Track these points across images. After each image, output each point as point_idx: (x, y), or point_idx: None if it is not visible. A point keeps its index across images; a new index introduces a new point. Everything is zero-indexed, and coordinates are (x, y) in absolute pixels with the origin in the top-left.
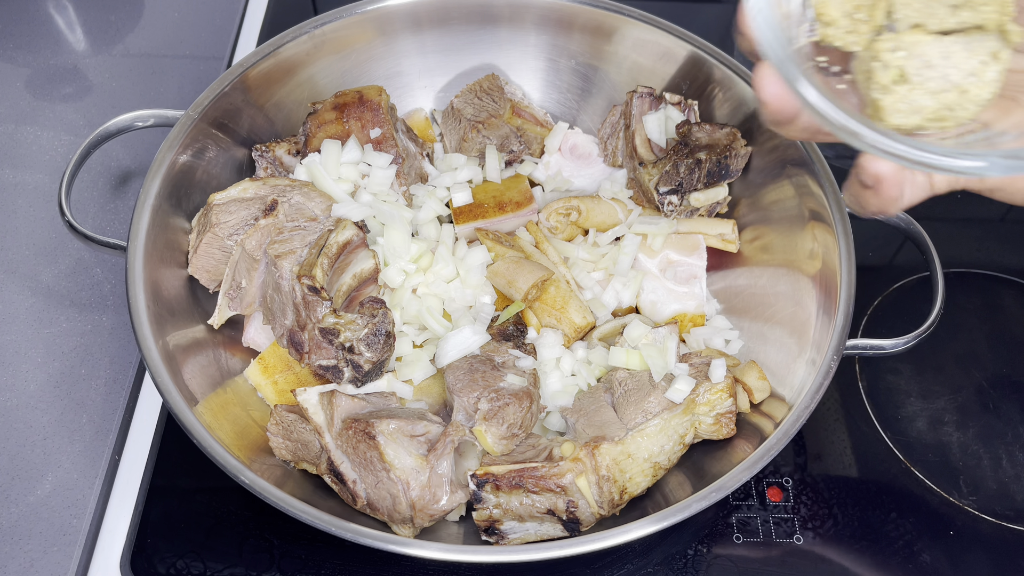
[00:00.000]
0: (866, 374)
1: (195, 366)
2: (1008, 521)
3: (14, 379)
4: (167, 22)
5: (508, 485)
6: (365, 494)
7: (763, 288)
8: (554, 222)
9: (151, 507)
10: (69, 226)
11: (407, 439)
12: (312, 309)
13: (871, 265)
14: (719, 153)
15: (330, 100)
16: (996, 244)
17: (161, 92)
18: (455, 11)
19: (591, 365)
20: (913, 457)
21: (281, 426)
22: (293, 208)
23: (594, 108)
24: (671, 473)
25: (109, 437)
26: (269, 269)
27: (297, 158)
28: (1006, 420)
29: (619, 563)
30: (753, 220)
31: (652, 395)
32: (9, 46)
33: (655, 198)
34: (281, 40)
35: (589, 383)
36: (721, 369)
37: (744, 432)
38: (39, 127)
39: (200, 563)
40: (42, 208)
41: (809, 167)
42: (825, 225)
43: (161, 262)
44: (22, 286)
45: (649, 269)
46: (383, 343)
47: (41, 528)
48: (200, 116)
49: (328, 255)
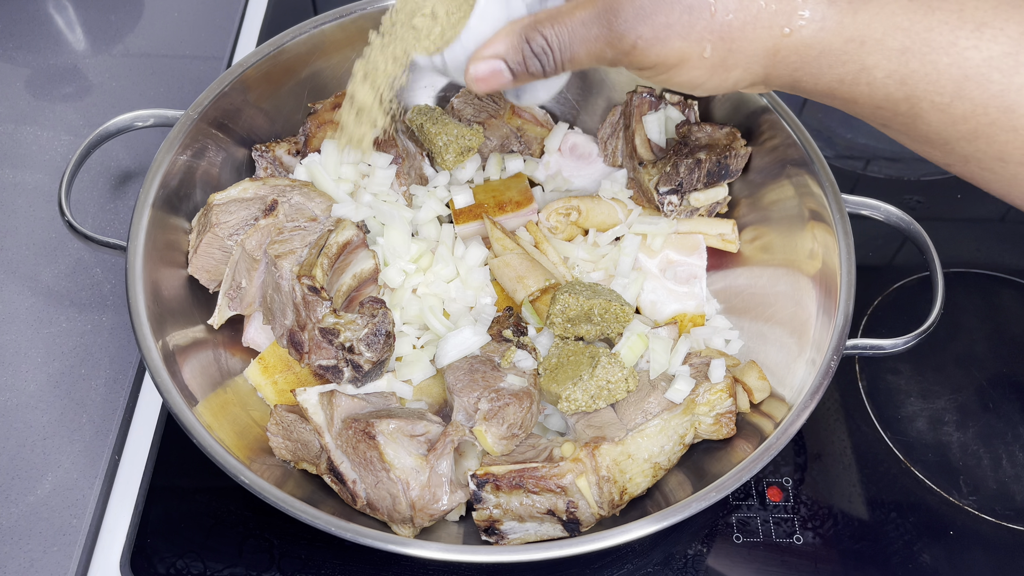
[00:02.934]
0: (866, 374)
1: (195, 366)
2: (1008, 521)
3: (14, 379)
4: (167, 22)
5: (508, 485)
6: (365, 494)
7: (763, 288)
8: (554, 222)
9: (151, 507)
10: (69, 226)
11: (407, 439)
12: (312, 309)
13: (871, 265)
14: (719, 153)
15: (330, 100)
16: (996, 244)
17: (161, 92)
18: None
19: None
20: (913, 457)
21: (281, 426)
22: (293, 208)
23: (594, 108)
24: (671, 473)
25: (109, 437)
26: (269, 269)
27: (297, 158)
28: (1006, 420)
29: (619, 563)
30: (753, 220)
31: (652, 395)
32: (9, 46)
33: (655, 198)
34: (281, 40)
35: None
36: (721, 369)
37: (744, 432)
38: (39, 127)
39: (200, 563)
40: (42, 208)
41: (809, 167)
42: (825, 225)
43: (161, 262)
44: (22, 286)
45: (649, 269)
46: (383, 343)
47: (41, 528)
48: (200, 116)
49: (328, 255)
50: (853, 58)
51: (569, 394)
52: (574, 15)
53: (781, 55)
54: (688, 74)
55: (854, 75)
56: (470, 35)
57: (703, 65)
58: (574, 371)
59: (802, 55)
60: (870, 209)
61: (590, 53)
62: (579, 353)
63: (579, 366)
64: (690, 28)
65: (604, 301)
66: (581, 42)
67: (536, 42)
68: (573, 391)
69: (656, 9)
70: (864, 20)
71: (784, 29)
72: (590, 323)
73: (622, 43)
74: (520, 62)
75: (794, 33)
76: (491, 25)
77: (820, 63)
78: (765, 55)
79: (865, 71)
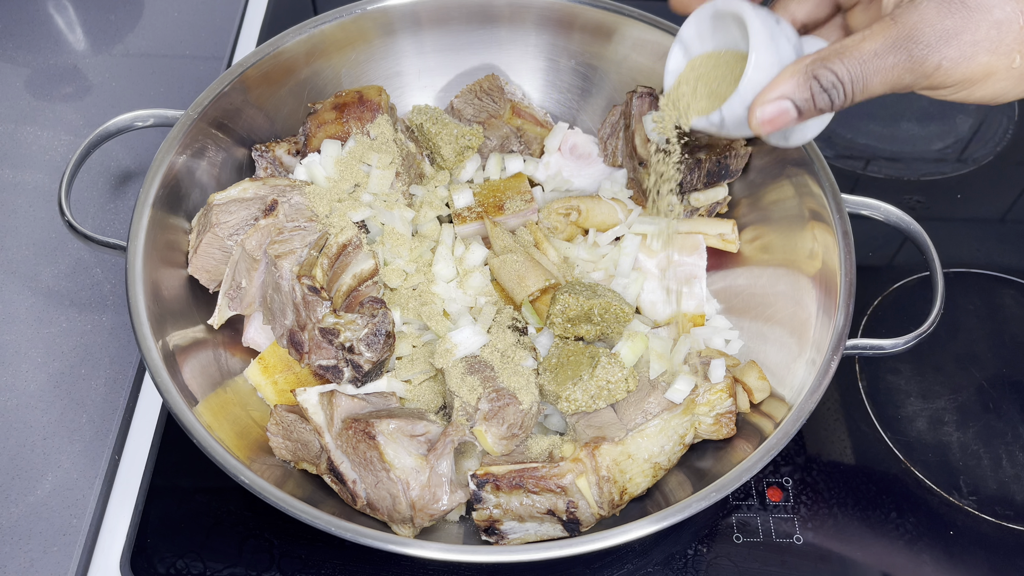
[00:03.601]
0: (866, 374)
1: (195, 366)
2: (1008, 521)
3: (14, 379)
4: (167, 22)
5: (508, 485)
6: (365, 494)
7: (763, 288)
8: (554, 222)
9: (151, 507)
10: (69, 226)
11: (407, 439)
12: (312, 309)
13: (871, 265)
14: (719, 153)
15: (330, 100)
16: (996, 244)
17: (161, 92)
18: (455, 11)
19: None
20: (913, 457)
21: (281, 426)
22: (293, 208)
23: (594, 108)
24: (671, 473)
25: (109, 437)
26: (269, 269)
27: (297, 158)
28: (1006, 420)
29: (619, 563)
30: (753, 220)
31: (652, 395)
32: (9, 46)
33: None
34: (281, 40)
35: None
36: (721, 369)
37: (744, 432)
38: (39, 127)
39: (200, 563)
40: (42, 208)
41: (809, 167)
42: (825, 225)
43: (161, 262)
44: (22, 286)
45: (649, 269)
46: (383, 343)
47: (41, 528)
48: (200, 116)
49: (328, 255)
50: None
51: (569, 394)
52: (862, 48)
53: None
54: (994, 87)
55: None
56: (748, 86)
57: (1011, 76)
58: (574, 371)
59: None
60: (870, 209)
61: (885, 81)
62: (579, 353)
63: (579, 366)
64: (999, 42)
65: (604, 301)
66: (875, 72)
67: (826, 78)
68: (573, 391)
69: (962, 28)
70: None
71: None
72: (590, 323)
73: (924, 67)
74: (808, 99)
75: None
76: (766, 74)
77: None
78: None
79: None
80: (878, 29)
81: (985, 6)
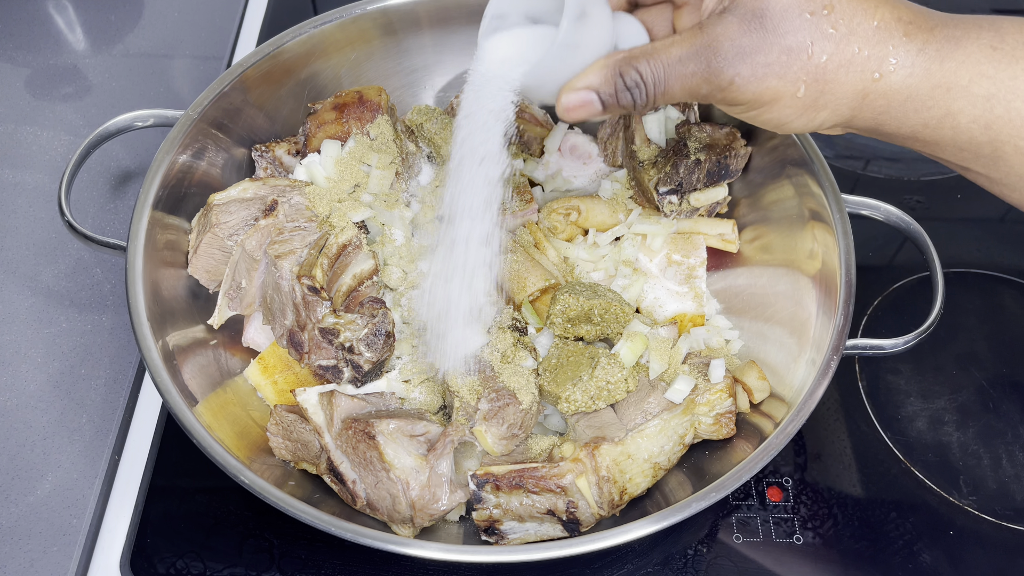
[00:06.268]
0: (866, 374)
1: (195, 366)
2: (1008, 521)
3: (14, 379)
4: (167, 22)
5: (508, 485)
6: (365, 494)
7: (763, 288)
8: (554, 222)
9: (151, 507)
10: (69, 226)
11: (407, 439)
12: (312, 309)
13: (871, 265)
14: (719, 153)
15: (330, 100)
16: (996, 244)
17: (161, 92)
18: (455, 11)
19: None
20: (913, 457)
21: (281, 426)
22: (293, 208)
23: None
24: (671, 473)
25: (109, 437)
26: (269, 269)
27: (297, 158)
28: (1006, 420)
29: (619, 563)
30: (753, 220)
31: (651, 395)
32: (9, 46)
33: (655, 198)
34: (281, 40)
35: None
36: (720, 369)
37: (744, 432)
38: (39, 127)
39: (200, 563)
40: (42, 208)
41: (809, 167)
42: (825, 225)
43: (161, 262)
44: (22, 286)
45: (649, 269)
46: (383, 343)
47: (41, 528)
48: (200, 116)
49: (328, 255)
50: (939, 103)
51: (569, 394)
52: (670, 52)
53: (869, 99)
54: (779, 112)
55: (939, 119)
56: (544, 64)
57: (795, 104)
58: (574, 371)
59: (889, 99)
60: (870, 209)
61: (684, 88)
62: (579, 353)
63: (579, 366)
64: (787, 68)
65: (604, 301)
66: (677, 78)
67: (630, 76)
68: (573, 391)
69: (756, 48)
70: (951, 68)
71: (875, 74)
72: (590, 323)
73: (719, 79)
74: (612, 94)
75: (884, 78)
76: (564, 53)
77: (906, 107)
78: (854, 98)
79: (950, 116)
80: (687, 35)
81: (779, 30)
